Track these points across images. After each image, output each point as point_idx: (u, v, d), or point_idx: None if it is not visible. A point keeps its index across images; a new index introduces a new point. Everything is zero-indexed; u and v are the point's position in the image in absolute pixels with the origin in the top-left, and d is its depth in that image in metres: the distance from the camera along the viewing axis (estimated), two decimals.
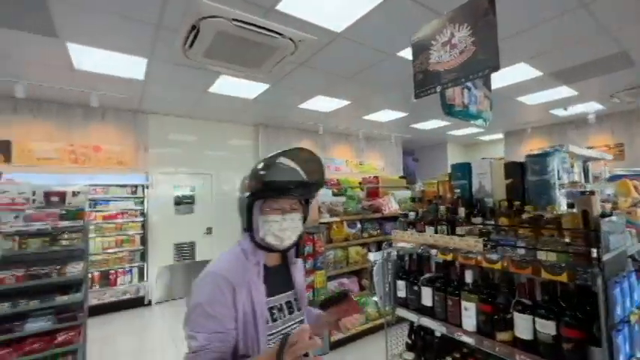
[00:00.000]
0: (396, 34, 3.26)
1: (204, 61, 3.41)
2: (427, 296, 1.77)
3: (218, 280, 0.97)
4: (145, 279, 5.53)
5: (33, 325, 2.52)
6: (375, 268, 1.97)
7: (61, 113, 5.17)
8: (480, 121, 2.72)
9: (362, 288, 4.07)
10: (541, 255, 1.34)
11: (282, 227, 1.04)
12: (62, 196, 2.69)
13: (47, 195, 2.64)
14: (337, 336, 3.72)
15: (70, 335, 2.63)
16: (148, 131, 5.88)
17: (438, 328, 1.71)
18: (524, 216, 1.50)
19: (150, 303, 5.50)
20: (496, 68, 1.65)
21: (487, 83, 2.78)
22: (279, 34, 2.85)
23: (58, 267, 2.62)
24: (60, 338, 2.57)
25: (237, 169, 6.83)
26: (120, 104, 5.36)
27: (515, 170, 1.71)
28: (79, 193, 2.69)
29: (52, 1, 2.55)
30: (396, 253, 2.04)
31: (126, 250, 5.43)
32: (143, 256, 5.59)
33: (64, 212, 2.67)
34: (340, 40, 3.40)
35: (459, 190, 1.92)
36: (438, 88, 1.90)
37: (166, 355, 3.82)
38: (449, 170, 2.07)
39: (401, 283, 1.94)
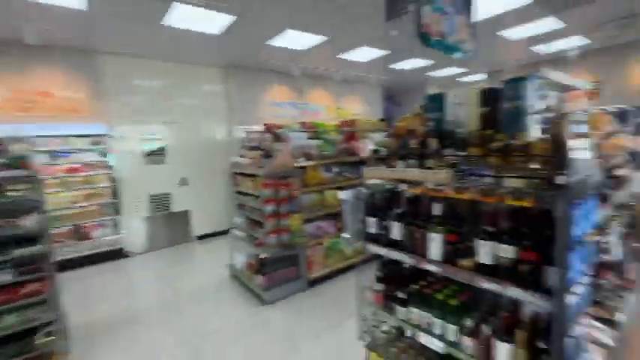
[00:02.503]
0: None
1: None
2: (396, 231, 1.77)
3: None
4: (122, 231, 5.44)
5: None
6: (345, 206, 1.94)
7: None
8: (458, 54, 2.54)
9: (339, 230, 4.16)
10: (507, 182, 1.31)
11: None
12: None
13: None
14: (315, 273, 3.87)
15: (38, 286, 2.57)
16: (105, 75, 5.31)
17: (406, 260, 1.73)
18: (495, 145, 1.44)
19: (127, 255, 5.48)
20: None
21: (468, 8, 2.56)
22: None
23: (9, 219, 2.45)
24: (26, 289, 2.51)
25: (207, 117, 6.45)
26: (66, 42, 4.72)
27: (490, 98, 1.61)
28: (17, 139, 2.40)
29: None
30: (366, 190, 2.00)
31: (95, 203, 5.23)
32: (116, 209, 5.42)
33: (6, 161, 2.41)
34: None
35: (432, 123, 1.83)
36: (411, 7, 1.69)
37: (149, 297, 3.91)
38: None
39: (371, 220, 1.92)
